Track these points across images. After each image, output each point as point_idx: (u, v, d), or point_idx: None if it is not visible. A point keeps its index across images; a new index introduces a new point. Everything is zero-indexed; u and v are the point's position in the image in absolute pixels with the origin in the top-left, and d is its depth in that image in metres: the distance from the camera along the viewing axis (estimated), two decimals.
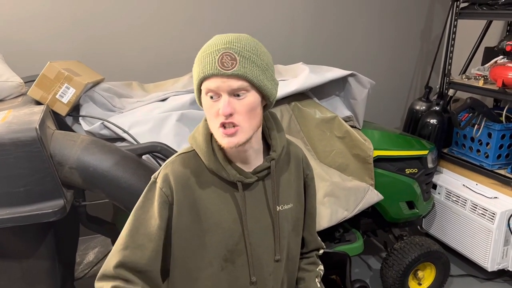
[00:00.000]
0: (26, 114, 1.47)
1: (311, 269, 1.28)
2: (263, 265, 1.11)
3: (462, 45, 2.94)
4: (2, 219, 1.32)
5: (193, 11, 2.66)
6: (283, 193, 1.13)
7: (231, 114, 0.96)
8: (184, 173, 1.06)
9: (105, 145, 1.51)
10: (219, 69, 0.93)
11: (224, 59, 0.93)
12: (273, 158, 1.08)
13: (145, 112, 1.80)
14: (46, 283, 1.57)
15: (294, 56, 2.93)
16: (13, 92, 1.72)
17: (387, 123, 2.98)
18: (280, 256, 1.13)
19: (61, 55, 2.35)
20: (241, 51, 0.95)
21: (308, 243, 1.29)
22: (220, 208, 1.06)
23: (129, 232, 1.04)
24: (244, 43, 0.97)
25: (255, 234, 1.09)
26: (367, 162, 2.09)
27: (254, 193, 1.09)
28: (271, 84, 1.01)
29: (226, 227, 1.06)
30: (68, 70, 1.70)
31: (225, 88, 0.94)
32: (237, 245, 1.07)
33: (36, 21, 2.34)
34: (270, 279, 1.13)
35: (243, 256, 1.08)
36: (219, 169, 1.04)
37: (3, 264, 1.48)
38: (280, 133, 1.12)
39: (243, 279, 1.09)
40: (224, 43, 0.95)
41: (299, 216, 1.20)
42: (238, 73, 0.93)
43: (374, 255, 2.71)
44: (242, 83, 0.95)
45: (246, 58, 0.95)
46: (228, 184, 1.07)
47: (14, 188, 1.34)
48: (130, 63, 2.59)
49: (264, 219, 1.10)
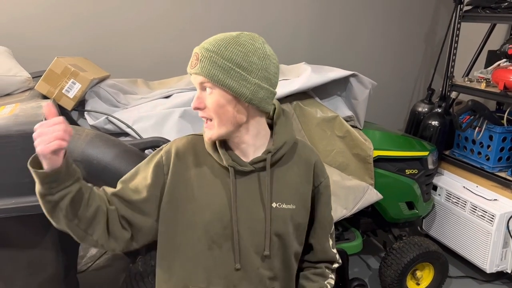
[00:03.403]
0: (33, 107, 1.51)
1: (316, 280, 1.23)
2: (252, 257, 1.12)
3: (467, 48, 2.96)
4: (8, 209, 1.36)
5: (199, 10, 2.70)
6: (282, 191, 1.14)
7: (199, 108, 1.06)
8: (187, 151, 1.13)
9: (109, 139, 1.54)
10: (189, 67, 1.06)
11: (193, 59, 1.05)
12: (269, 151, 1.11)
13: (149, 108, 1.84)
14: (50, 272, 1.61)
15: (299, 57, 2.94)
16: (21, 87, 1.76)
17: (390, 124, 3.00)
18: (270, 253, 1.12)
19: (68, 51, 2.40)
20: (205, 51, 1.02)
21: (315, 252, 1.25)
22: (213, 190, 1.10)
23: (127, 177, 1.15)
24: (215, 43, 1.03)
25: (245, 224, 1.10)
26: (367, 162, 2.11)
27: (249, 183, 1.11)
28: (237, 83, 1.02)
29: (216, 210, 1.09)
30: (75, 65, 1.75)
31: (196, 83, 1.06)
32: (225, 230, 1.09)
33: (45, 18, 2.39)
34: (258, 273, 1.13)
35: (230, 242, 1.10)
36: (214, 152, 1.10)
37: (9, 254, 1.52)
38: (285, 129, 1.14)
39: (228, 264, 1.11)
40: (202, 44, 1.05)
41: (301, 221, 1.18)
42: (197, 72, 1.03)
43: (374, 255, 2.73)
44: (204, 80, 1.03)
45: (206, 58, 1.02)
46: (225, 169, 1.11)
47: (20, 179, 1.37)
48: (136, 61, 2.63)
49: (257, 212, 1.11)
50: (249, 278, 1.12)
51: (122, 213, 1.10)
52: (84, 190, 1.02)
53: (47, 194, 0.96)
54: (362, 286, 2.15)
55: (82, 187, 1.01)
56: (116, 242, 1.11)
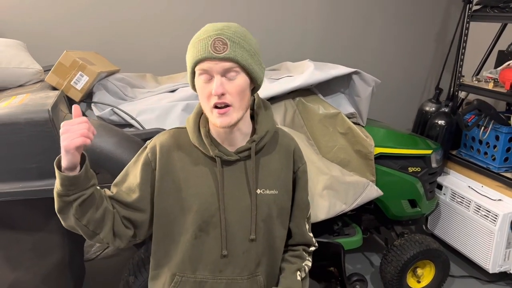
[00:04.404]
0: (42, 97, 1.59)
1: (294, 261, 1.29)
2: (237, 242, 1.17)
3: (477, 48, 2.94)
4: (15, 192, 1.44)
5: (208, 6, 2.75)
6: (266, 177, 1.19)
7: (223, 94, 1.05)
8: (171, 144, 1.18)
9: (112, 129, 1.61)
10: (211, 52, 1.03)
11: (216, 44, 1.03)
12: (254, 140, 1.16)
13: (154, 101, 1.90)
14: (55, 257, 1.68)
15: (307, 55, 2.97)
16: (32, 79, 1.85)
17: (400, 124, 3.00)
18: (256, 237, 1.17)
19: (80, 46, 2.49)
20: (232, 37, 1.05)
21: (294, 235, 1.31)
22: (199, 180, 1.16)
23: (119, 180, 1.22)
24: (234, 30, 1.07)
25: (232, 211, 1.16)
26: (368, 158, 2.13)
27: (235, 172, 1.17)
28: (258, 68, 1.11)
29: (204, 199, 1.15)
30: (83, 59, 1.82)
31: (217, 69, 1.04)
32: (213, 218, 1.15)
33: (57, 14, 2.49)
34: (243, 257, 1.18)
35: (217, 229, 1.16)
36: (201, 143, 1.15)
37: (16, 236, 1.60)
38: (266, 119, 1.20)
39: (215, 251, 1.17)
40: (215, 30, 1.06)
41: (284, 205, 1.24)
42: (230, 56, 1.04)
43: (378, 252, 2.74)
44: (233, 65, 1.05)
45: (236, 43, 1.05)
46: (211, 160, 1.16)
47: (27, 164, 1.46)
48: (147, 56, 2.70)
49: (243, 199, 1.17)
50: (235, 263, 1.18)
51: (122, 214, 1.17)
52: (96, 194, 1.10)
53: (64, 195, 1.04)
54: (361, 281, 2.17)
55: (95, 191, 1.09)
56: (121, 240, 1.18)
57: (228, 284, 1.19)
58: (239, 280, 1.19)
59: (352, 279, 2.16)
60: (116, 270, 2.46)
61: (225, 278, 1.18)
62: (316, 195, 1.97)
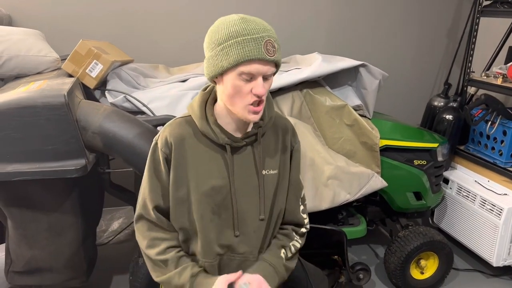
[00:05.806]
0: (59, 83, 1.67)
1: (281, 238, 1.32)
2: (248, 222, 1.24)
3: (488, 44, 2.95)
4: (32, 172, 1.52)
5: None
6: (268, 159, 1.26)
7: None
8: (180, 134, 1.21)
9: (124, 115, 1.68)
10: (265, 54, 1.05)
11: (268, 46, 1.06)
12: (260, 126, 1.23)
13: (165, 90, 1.97)
14: (69, 235, 1.77)
15: (317, 49, 3.01)
16: (50, 66, 1.93)
17: (409, 119, 3.02)
18: (265, 216, 1.25)
19: (96, 37, 2.57)
20: (277, 39, 1.10)
21: (286, 213, 1.34)
22: (210, 167, 1.21)
23: (150, 186, 1.23)
24: (274, 31, 1.11)
25: (242, 193, 1.23)
26: (373, 150, 2.17)
27: (243, 156, 1.23)
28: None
29: (215, 183, 1.21)
30: (98, 48, 1.90)
31: (264, 71, 1.08)
32: (224, 200, 1.22)
33: (77, 7, 2.58)
34: (254, 236, 1.26)
35: (229, 211, 1.22)
36: (210, 132, 1.19)
37: (32, 215, 1.69)
38: (268, 105, 1.26)
39: (228, 232, 1.24)
40: (265, 31, 1.07)
41: (284, 184, 1.30)
42: (277, 60, 1.10)
43: (383, 244, 2.78)
44: (276, 68, 1.12)
45: (279, 46, 1.11)
46: (219, 147, 1.22)
47: (44, 146, 1.54)
48: (161, 47, 2.78)
49: (251, 181, 1.24)
50: (246, 241, 1.25)
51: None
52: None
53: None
54: (365, 271, 2.21)
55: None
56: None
57: (241, 262, 1.26)
58: (251, 259, 1.27)
59: (355, 268, 2.20)
60: (127, 254, 2.54)
61: (239, 256, 1.26)
62: (321, 184, 2.01)
